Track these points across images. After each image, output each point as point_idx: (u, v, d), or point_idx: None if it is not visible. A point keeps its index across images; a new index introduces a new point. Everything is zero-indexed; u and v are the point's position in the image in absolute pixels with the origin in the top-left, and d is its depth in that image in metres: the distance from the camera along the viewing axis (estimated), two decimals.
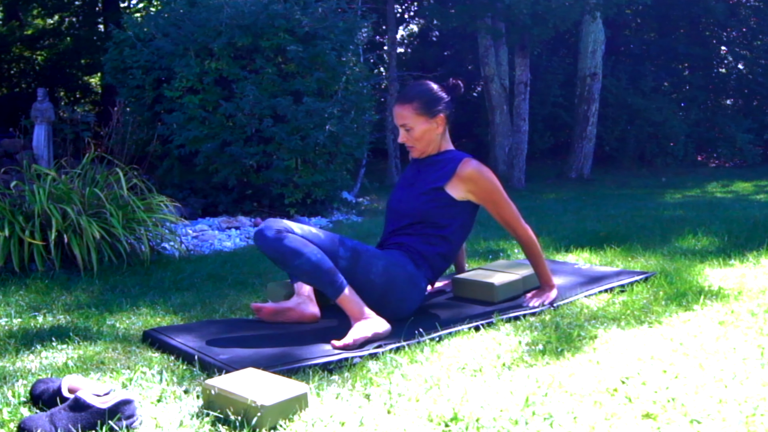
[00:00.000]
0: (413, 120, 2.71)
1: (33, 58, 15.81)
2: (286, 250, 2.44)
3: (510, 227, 2.82)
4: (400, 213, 2.79)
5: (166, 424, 1.77)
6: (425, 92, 2.73)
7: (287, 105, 6.11)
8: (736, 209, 5.90)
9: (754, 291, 2.90)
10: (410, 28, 17.30)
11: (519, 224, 2.82)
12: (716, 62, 15.30)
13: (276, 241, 2.45)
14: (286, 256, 2.44)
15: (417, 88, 2.74)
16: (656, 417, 1.71)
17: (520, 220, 2.81)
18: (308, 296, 2.67)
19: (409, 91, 2.74)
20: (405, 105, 2.71)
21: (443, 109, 2.73)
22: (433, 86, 2.76)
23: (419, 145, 2.77)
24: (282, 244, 2.44)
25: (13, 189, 4.13)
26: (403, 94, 2.74)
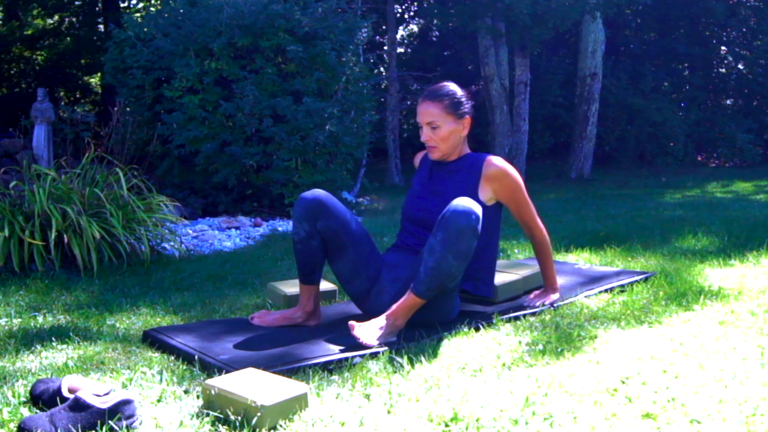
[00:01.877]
0: (442, 118, 2.63)
1: (33, 58, 15.81)
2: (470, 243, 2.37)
3: (527, 226, 2.82)
4: (427, 220, 2.66)
5: (166, 424, 1.77)
6: (454, 92, 2.67)
7: (287, 105, 6.11)
8: (736, 209, 5.90)
9: (754, 291, 2.90)
10: (410, 28, 17.30)
11: (536, 224, 2.82)
12: (716, 62, 15.31)
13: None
14: (465, 243, 2.35)
15: (446, 88, 2.68)
16: (656, 417, 1.71)
17: (537, 219, 2.82)
18: (309, 310, 2.66)
19: (438, 89, 2.67)
20: (435, 102, 2.63)
21: (469, 112, 2.69)
22: (459, 88, 2.71)
23: (443, 146, 2.67)
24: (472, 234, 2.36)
25: (13, 189, 4.13)
26: (433, 92, 2.67)
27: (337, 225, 2.57)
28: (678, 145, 13.20)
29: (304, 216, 2.56)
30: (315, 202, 2.56)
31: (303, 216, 2.56)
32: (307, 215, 2.56)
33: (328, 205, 2.56)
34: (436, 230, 2.38)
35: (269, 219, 6.19)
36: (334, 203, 2.59)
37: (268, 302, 3.05)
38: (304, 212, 2.56)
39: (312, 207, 2.55)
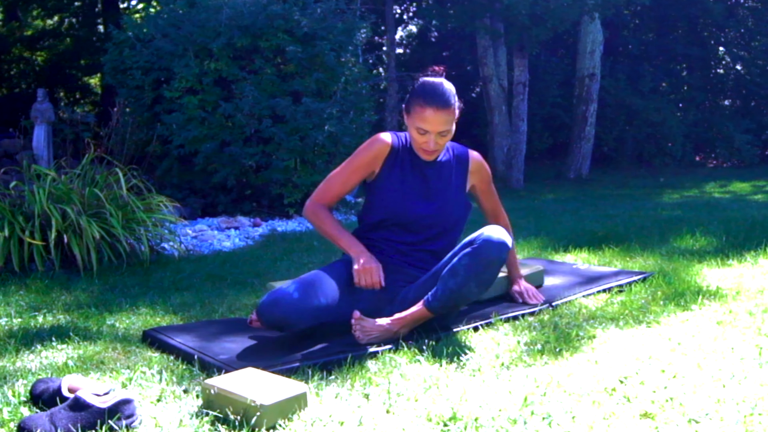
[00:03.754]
0: (453, 124, 2.50)
1: (33, 58, 15.81)
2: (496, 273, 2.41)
3: (495, 216, 2.83)
4: (423, 224, 2.60)
5: (165, 423, 1.77)
6: (453, 91, 2.50)
7: (286, 105, 6.11)
8: (734, 209, 5.91)
9: (752, 291, 2.91)
10: (409, 29, 17.31)
11: (503, 213, 2.85)
12: (714, 63, 15.33)
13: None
14: (491, 274, 2.39)
15: (448, 90, 2.47)
16: (654, 416, 1.71)
17: (503, 209, 2.87)
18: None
19: (444, 93, 2.45)
20: (448, 109, 2.44)
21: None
22: (447, 81, 2.53)
23: (442, 149, 2.58)
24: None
25: (13, 189, 4.13)
26: (440, 97, 2.44)
27: (309, 322, 2.34)
28: (676, 145, 13.21)
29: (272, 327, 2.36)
30: (273, 322, 2.31)
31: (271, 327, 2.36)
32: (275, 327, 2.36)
33: (289, 320, 2.30)
34: (463, 254, 2.36)
35: (268, 219, 6.20)
36: (293, 312, 2.30)
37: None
38: (270, 327, 2.36)
39: (275, 325, 2.33)
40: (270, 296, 2.33)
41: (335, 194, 2.64)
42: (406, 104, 2.53)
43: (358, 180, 2.64)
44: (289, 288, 2.34)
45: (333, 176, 2.65)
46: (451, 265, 2.39)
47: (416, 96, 2.48)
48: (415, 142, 2.55)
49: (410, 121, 2.52)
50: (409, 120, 2.52)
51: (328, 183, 2.65)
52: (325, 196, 2.64)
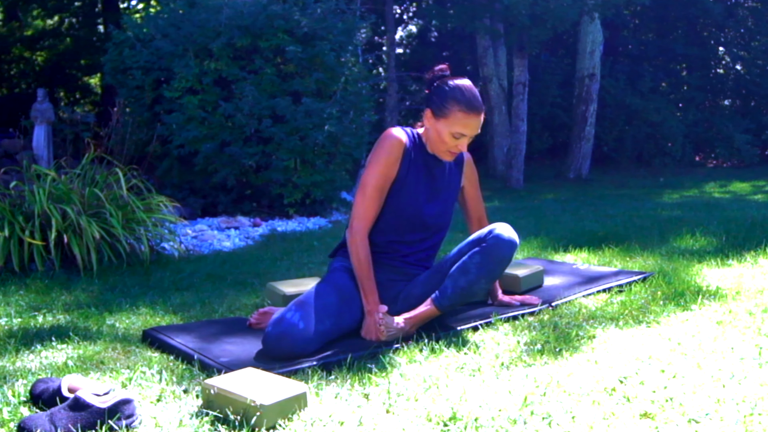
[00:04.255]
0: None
1: (33, 58, 15.82)
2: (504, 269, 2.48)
3: (479, 217, 2.82)
4: (428, 224, 2.61)
5: (165, 423, 1.77)
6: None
7: (286, 105, 6.12)
8: (733, 209, 5.91)
9: (752, 291, 2.91)
10: (409, 29, 17.32)
11: (486, 219, 2.85)
12: (714, 63, 15.33)
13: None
14: (500, 270, 2.46)
15: (478, 92, 2.52)
16: (654, 416, 1.71)
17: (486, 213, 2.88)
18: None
19: (479, 96, 2.49)
20: (483, 112, 2.49)
21: None
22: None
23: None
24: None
25: (13, 189, 4.14)
26: (480, 102, 2.47)
27: (316, 347, 2.28)
28: (676, 145, 13.21)
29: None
30: (282, 356, 2.22)
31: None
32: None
33: (296, 352, 2.22)
34: (473, 251, 2.41)
35: (268, 219, 6.20)
36: (300, 342, 2.23)
37: (267, 302, 3.05)
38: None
39: (283, 358, 2.23)
40: (275, 329, 2.24)
41: (375, 212, 2.53)
42: (438, 107, 2.47)
43: (389, 186, 2.55)
44: (293, 318, 2.26)
45: (365, 195, 2.50)
46: (461, 263, 2.42)
47: (454, 101, 2.44)
48: (442, 144, 2.50)
49: (443, 124, 2.46)
50: (442, 124, 2.47)
51: (363, 204, 2.51)
52: (367, 220, 2.51)
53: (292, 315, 2.27)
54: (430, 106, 2.50)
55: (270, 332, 2.24)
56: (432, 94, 2.52)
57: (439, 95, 2.48)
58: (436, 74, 2.53)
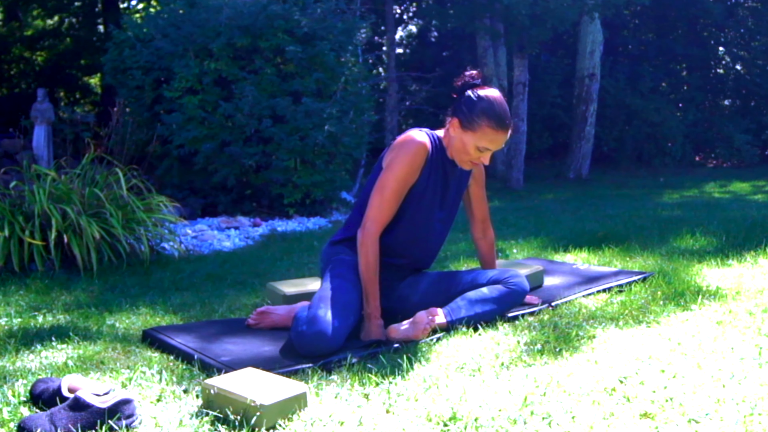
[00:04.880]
0: None
1: (33, 58, 15.81)
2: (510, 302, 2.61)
3: (483, 221, 2.85)
4: (443, 230, 2.69)
5: (165, 423, 1.77)
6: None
7: (286, 105, 6.12)
8: (733, 209, 5.91)
9: (752, 291, 2.91)
10: (409, 29, 17.31)
11: (490, 222, 2.89)
12: (714, 63, 15.33)
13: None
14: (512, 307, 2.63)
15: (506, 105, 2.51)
16: (654, 416, 1.71)
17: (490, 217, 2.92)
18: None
19: (508, 113, 2.47)
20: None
21: None
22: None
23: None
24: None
25: (13, 189, 4.14)
26: (510, 119, 2.47)
27: (343, 341, 2.31)
28: (676, 145, 13.21)
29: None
30: (317, 353, 2.23)
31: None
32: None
33: (332, 348, 2.25)
34: (494, 285, 2.57)
35: (268, 219, 6.20)
36: (335, 339, 2.25)
37: (267, 302, 3.05)
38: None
39: (317, 355, 2.23)
40: (311, 328, 2.22)
41: (390, 215, 2.52)
42: (467, 119, 2.44)
43: (407, 191, 2.54)
44: (327, 315, 2.26)
45: (384, 198, 2.49)
46: (480, 294, 2.55)
47: (486, 116, 2.42)
48: (466, 155, 2.49)
49: (471, 137, 2.45)
50: (470, 136, 2.45)
51: (381, 207, 2.49)
52: (381, 222, 2.50)
53: (325, 313, 2.28)
54: (458, 116, 2.47)
55: (306, 331, 2.23)
56: (461, 103, 2.47)
57: (468, 106, 2.44)
58: (467, 81, 2.49)
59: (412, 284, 2.67)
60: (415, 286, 2.65)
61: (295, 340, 2.26)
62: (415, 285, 2.66)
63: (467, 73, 2.50)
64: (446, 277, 2.68)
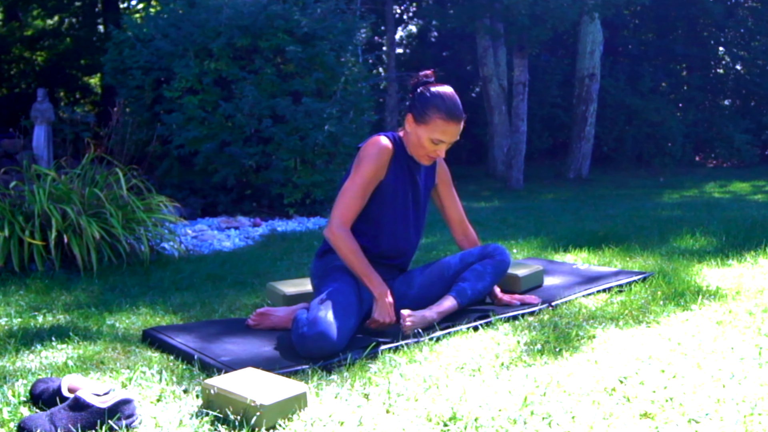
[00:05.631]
0: None
1: (33, 58, 15.81)
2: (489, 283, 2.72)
3: (461, 223, 2.90)
4: (408, 225, 2.70)
5: (165, 423, 1.77)
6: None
7: (286, 105, 6.12)
8: (733, 209, 5.91)
9: (752, 291, 2.91)
10: (409, 29, 17.32)
11: (466, 220, 2.92)
12: (714, 63, 15.33)
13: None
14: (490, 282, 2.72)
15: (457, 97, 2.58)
16: (654, 416, 1.71)
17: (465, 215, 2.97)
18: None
19: (459, 104, 2.54)
20: (463, 119, 2.56)
21: None
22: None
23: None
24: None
25: (13, 189, 4.14)
26: (460, 110, 2.53)
27: (346, 342, 2.33)
28: (676, 145, 13.21)
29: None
30: (320, 355, 2.23)
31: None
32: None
33: (335, 349, 2.25)
34: (485, 262, 2.69)
35: (268, 219, 6.20)
36: (338, 341, 2.25)
37: (267, 302, 3.05)
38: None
39: (320, 357, 2.23)
40: (312, 329, 2.23)
41: (355, 212, 2.57)
42: (419, 113, 2.53)
43: (372, 190, 2.60)
44: (328, 317, 2.28)
45: (349, 195, 2.55)
46: (474, 270, 2.68)
47: (435, 108, 2.51)
48: (422, 148, 2.58)
49: (424, 130, 2.54)
50: (423, 129, 2.54)
51: (345, 203, 2.55)
52: (347, 217, 2.55)
53: (326, 315, 2.29)
54: (412, 111, 2.58)
55: (307, 333, 2.24)
56: (414, 99, 2.59)
57: (420, 101, 2.56)
58: (420, 80, 2.61)
59: (405, 281, 2.75)
60: (410, 281, 2.75)
61: (297, 342, 2.27)
62: (409, 280, 2.75)
63: (421, 72, 2.63)
64: (435, 267, 2.78)
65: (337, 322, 2.28)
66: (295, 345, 2.27)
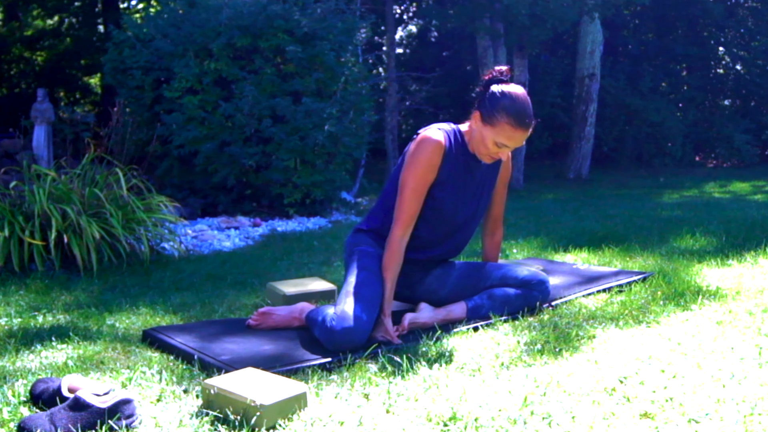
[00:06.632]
0: None
1: (33, 58, 15.81)
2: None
3: (497, 219, 2.87)
4: (462, 222, 2.69)
5: (165, 423, 1.77)
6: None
7: (286, 105, 6.12)
8: (733, 209, 5.91)
9: (752, 291, 2.91)
10: (409, 29, 17.30)
11: (502, 220, 2.90)
12: (714, 63, 15.32)
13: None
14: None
15: (529, 102, 2.49)
16: (654, 416, 1.71)
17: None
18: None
19: (531, 110, 2.47)
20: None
21: None
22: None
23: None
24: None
25: (13, 189, 4.14)
26: (531, 117, 2.46)
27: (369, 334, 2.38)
28: (676, 145, 13.20)
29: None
30: (347, 347, 2.27)
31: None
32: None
33: (363, 342, 2.30)
34: (520, 292, 2.65)
35: (268, 219, 6.20)
36: (364, 334, 2.30)
37: (267, 302, 3.05)
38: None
39: (347, 349, 2.27)
40: (340, 324, 2.26)
41: (414, 215, 2.55)
42: (487, 114, 2.46)
43: (428, 189, 2.57)
44: (356, 310, 2.30)
45: (406, 198, 2.52)
46: (505, 293, 2.65)
47: (506, 113, 2.43)
48: (484, 148, 2.52)
49: (489, 132, 2.47)
50: (489, 130, 2.47)
51: (404, 209, 2.53)
52: (407, 223, 2.54)
53: (353, 308, 2.31)
54: (480, 110, 2.49)
55: (336, 327, 2.26)
56: (485, 97, 2.49)
57: (491, 101, 2.46)
58: (495, 76, 2.51)
59: (440, 277, 2.72)
60: (444, 280, 2.71)
61: (323, 335, 2.30)
62: (443, 278, 2.71)
63: (497, 68, 2.53)
64: (475, 271, 2.72)
65: (364, 315, 2.31)
66: (321, 338, 2.31)
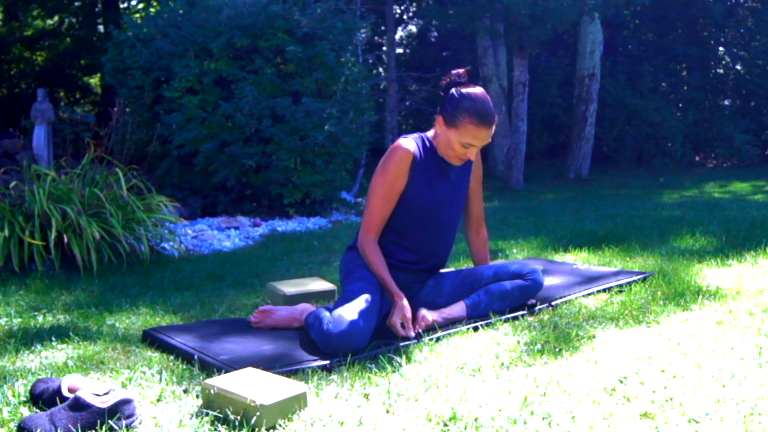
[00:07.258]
0: None
1: (33, 58, 15.80)
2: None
3: (479, 219, 2.87)
4: (446, 224, 2.70)
5: (165, 423, 1.77)
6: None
7: (286, 105, 6.12)
8: (733, 209, 5.91)
9: (752, 291, 2.91)
10: (409, 29, 17.31)
11: (483, 220, 2.91)
12: (714, 63, 15.33)
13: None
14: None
15: (489, 101, 2.54)
16: (654, 416, 1.71)
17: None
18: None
19: (492, 108, 2.51)
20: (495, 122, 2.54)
21: None
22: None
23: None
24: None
25: (13, 189, 4.14)
26: (493, 115, 2.50)
27: (368, 341, 2.38)
28: (676, 145, 13.21)
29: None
30: (345, 351, 2.26)
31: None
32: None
33: (359, 347, 2.29)
34: (515, 284, 2.66)
35: (268, 219, 6.20)
36: (362, 339, 2.31)
37: (267, 302, 3.05)
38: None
39: (344, 352, 2.26)
40: (336, 327, 2.27)
41: (381, 221, 2.61)
42: (450, 116, 2.51)
43: (398, 196, 2.61)
44: (352, 315, 2.32)
45: (373, 205, 2.59)
46: (502, 288, 2.66)
47: (467, 112, 2.48)
48: (451, 150, 2.56)
49: (454, 134, 2.52)
50: (453, 132, 2.52)
51: (371, 214, 2.60)
52: (373, 228, 2.60)
53: (350, 313, 2.33)
54: (443, 114, 2.54)
55: (332, 330, 2.27)
56: (445, 101, 2.54)
57: (452, 104, 2.51)
58: (452, 80, 2.56)
59: (435, 288, 2.74)
60: (439, 289, 2.73)
61: (320, 338, 2.30)
62: (438, 288, 2.73)
63: (453, 72, 2.58)
64: (468, 276, 2.74)
65: (360, 320, 2.31)
66: (318, 342, 2.31)
